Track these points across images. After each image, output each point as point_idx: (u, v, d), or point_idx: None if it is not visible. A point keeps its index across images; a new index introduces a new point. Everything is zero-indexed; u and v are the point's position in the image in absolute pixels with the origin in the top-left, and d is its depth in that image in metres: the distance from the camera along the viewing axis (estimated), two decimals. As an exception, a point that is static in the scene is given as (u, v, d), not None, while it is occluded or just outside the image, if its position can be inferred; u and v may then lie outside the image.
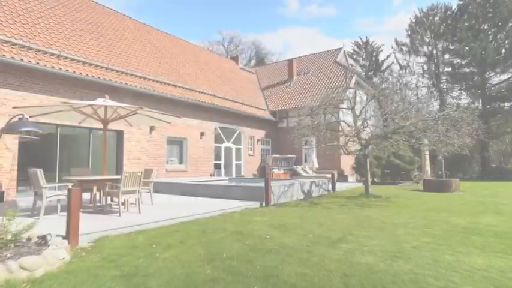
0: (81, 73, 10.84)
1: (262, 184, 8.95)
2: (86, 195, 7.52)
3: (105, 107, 7.30)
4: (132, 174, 6.51)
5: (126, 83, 12.39)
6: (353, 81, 20.43)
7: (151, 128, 13.73)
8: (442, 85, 32.04)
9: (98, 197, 7.43)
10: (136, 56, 15.19)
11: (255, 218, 6.52)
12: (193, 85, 16.80)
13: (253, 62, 48.13)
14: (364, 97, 12.45)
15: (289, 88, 23.54)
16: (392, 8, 66.56)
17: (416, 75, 34.20)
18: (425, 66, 34.10)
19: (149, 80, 14.00)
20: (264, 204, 8.67)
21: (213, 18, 69.18)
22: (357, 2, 67.71)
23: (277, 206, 8.69)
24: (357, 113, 11.23)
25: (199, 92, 16.65)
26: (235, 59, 28.66)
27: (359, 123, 10.50)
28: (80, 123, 8.61)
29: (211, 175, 16.64)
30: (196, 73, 18.81)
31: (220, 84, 20.14)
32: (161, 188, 11.59)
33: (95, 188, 6.74)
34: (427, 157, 19.40)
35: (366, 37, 39.97)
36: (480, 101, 28.28)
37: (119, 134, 12.79)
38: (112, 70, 12.52)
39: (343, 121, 11.14)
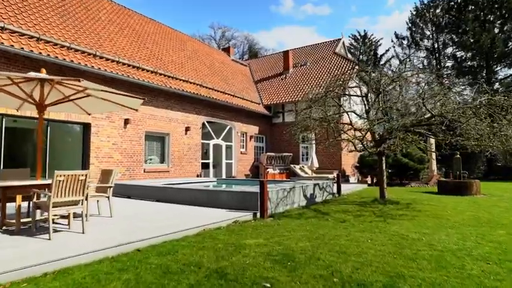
0: (32, 50, 8.74)
1: (257, 188, 7.04)
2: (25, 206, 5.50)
3: (41, 84, 5.28)
4: (70, 177, 4.52)
5: (93, 66, 10.31)
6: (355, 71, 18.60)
7: (126, 121, 11.69)
8: (444, 80, 30.46)
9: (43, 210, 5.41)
10: (111, 38, 13.10)
11: (247, 241, 4.59)
12: (178, 73, 14.77)
13: (245, 57, 46.11)
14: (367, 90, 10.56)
15: (285, 81, 21.64)
16: (387, 7, 65.35)
17: (417, 70, 32.60)
18: (425, 61, 32.52)
19: (123, 64, 11.93)
20: (258, 215, 6.75)
21: (205, 16, 67.10)
22: (352, 1, 66.44)
23: (275, 217, 6.78)
24: (366, 102, 9.42)
25: (184, 80, 14.62)
26: (226, 50, 26.64)
27: (372, 113, 8.64)
28: (18, 110, 6.56)
29: (197, 176, 14.65)
30: (182, 61, 16.76)
31: (209, 74, 18.12)
32: (135, 192, 9.59)
33: (18, 198, 4.72)
34: (433, 155, 17.71)
35: (364, 30, 38.29)
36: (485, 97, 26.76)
37: (85, 128, 10.73)
38: (76, 50, 10.43)
39: (353, 111, 9.26)
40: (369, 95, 8.83)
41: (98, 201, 6.41)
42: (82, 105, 6.44)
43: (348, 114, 9.72)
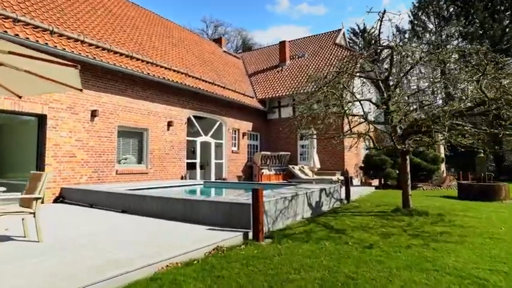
0: (-43, 18, 6.79)
1: (249, 198, 5.19)
2: None
3: None
4: None
5: (46, 43, 8.33)
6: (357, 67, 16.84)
7: (93, 113, 9.73)
8: (447, 75, 28.96)
9: None
10: (80, 17, 11.11)
11: (231, 296, 2.74)
12: (159, 60, 12.82)
13: (239, 52, 44.18)
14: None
15: (281, 73, 19.80)
16: (383, 7, 63.94)
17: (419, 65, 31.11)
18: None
19: (90, 45, 9.94)
20: (251, 236, 4.89)
21: (200, 16, 65.00)
22: (348, 2, 64.95)
23: (274, 238, 4.92)
24: (385, 89, 7.67)
25: (167, 68, 12.67)
26: (218, 41, 24.61)
27: (396, 99, 6.85)
28: None
29: (182, 178, 12.74)
30: (166, 48, 14.82)
31: (197, 64, 16.20)
32: (98, 199, 7.66)
33: None
34: (442, 151, 16.08)
35: (364, 24, 36.59)
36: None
37: (41, 120, 8.76)
38: (27, 24, 8.45)
39: (369, 100, 7.46)
40: (380, 85, 7.01)
41: (23, 219, 4.51)
42: (1, 81, 4.52)
43: (361, 104, 7.91)
